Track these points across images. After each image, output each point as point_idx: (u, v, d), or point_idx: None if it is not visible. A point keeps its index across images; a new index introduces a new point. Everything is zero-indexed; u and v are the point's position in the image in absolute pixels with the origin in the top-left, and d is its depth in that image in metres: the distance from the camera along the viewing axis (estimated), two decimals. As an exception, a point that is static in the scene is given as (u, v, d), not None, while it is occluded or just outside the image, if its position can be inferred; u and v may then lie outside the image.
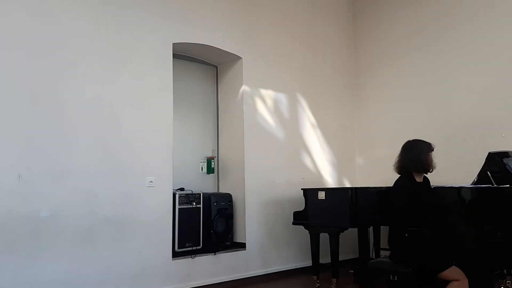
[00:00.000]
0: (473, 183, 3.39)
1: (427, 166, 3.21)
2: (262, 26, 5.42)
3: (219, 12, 5.02)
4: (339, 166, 6.05)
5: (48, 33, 3.80)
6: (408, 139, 3.38)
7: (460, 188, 3.12)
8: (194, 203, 4.63)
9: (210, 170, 5.28)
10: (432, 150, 3.26)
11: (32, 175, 3.60)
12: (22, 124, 3.60)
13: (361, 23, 6.43)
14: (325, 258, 4.67)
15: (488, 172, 3.26)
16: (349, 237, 5.18)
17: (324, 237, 4.46)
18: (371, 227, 5.01)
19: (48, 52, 3.78)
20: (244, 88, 5.18)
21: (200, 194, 4.73)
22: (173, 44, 4.59)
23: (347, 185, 6.08)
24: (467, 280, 2.84)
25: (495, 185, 3.21)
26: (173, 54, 4.60)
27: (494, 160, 3.38)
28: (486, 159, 3.48)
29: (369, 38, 6.30)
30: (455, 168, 4.76)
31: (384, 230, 4.73)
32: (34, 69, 3.70)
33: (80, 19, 3.98)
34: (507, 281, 3.24)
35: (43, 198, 3.63)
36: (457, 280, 2.85)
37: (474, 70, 5.06)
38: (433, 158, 3.22)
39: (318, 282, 4.49)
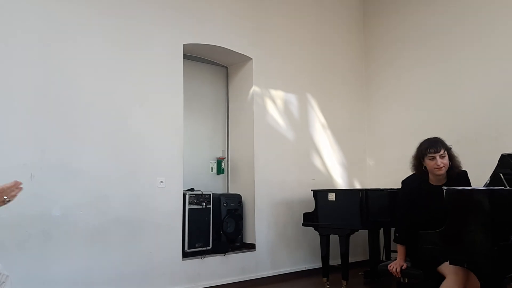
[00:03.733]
0: (485, 185, 3.35)
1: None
2: (273, 27, 5.42)
3: (229, 13, 5.03)
4: (349, 167, 6.03)
5: (59, 34, 3.84)
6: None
7: (472, 190, 3.09)
8: (204, 204, 4.64)
9: (220, 170, 5.30)
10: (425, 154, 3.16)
11: (44, 175, 3.64)
12: (34, 125, 3.65)
13: (371, 22, 6.39)
14: (335, 259, 4.65)
15: (501, 174, 3.21)
16: (360, 238, 5.15)
17: (334, 239, 4.44)
18: (382, 229, 4.98)
19: (59, 53, 3.82)
20: (254, 88, 5.18)
21: (210, 194, 4.74)
22: (184, 45, 4.61)
23: (358, 186, 6.05)
24: (458, 276, 2.80)
25: (507, 187, 3.17)
26: (183, 55, 4.62)
27: (507, 162, 3.33)
28: (499, 160, 3.43)
29: (379, 37, 6.26)
30: (467, 170, 4.70)
31: (395, 232, 4.69)
32: (46, 70, 3.74)
33: (90, 21, 4.01)
34: (520, 285, 3.20)
35: (55, 198, 3.67)
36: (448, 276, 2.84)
37: (487, 70, 4.99)
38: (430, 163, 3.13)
39: (328, 284, 4.47)
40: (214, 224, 4.72)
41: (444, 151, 3.10)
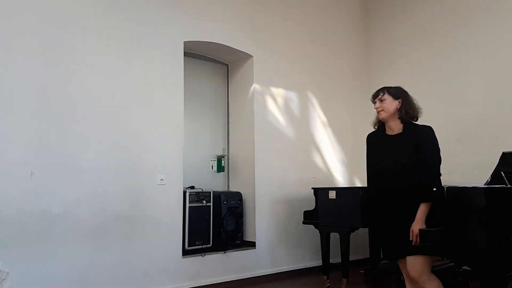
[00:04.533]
0: (486, 184, 3.34)
1: None
2: (274, 24, 5.41)
3: (230, 10, 5.02)
4: (350, 165, 6.02)
5: (59, 32, 3.83)
6: None
7: (473, 188, 3.08)
8: (204, 201, 4.64)
9: (220, 168, 5.29)
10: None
11: (44, 172, 3.63)
12: (35, 122, 3.64)
13: (373, 20, 6.38)
14: (335, 258, 4.65)
15: (502, 172, 3.21)
16: (360, 237, 5.14)
17: (334, 237, 4.44)
18: (382, 227, 4.97)
19: (59, 51, 3.81)
20: (255, 86, 5.17)
21: (210, 192, 4.73)
22: (184, 42, 4.60)
23: (358, 184, 6.04)
24: (407, 278, 2.82)
25: (508, 186, 3.17)
26: (184, 52, 4.61)
27: (508, 160, 3.33)
28: (500, 159, 3.42)
29: (380, 35, 6.25)
30: (468, 168, 4.70)
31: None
32: (46, 68, 3.74)
33: (90, 19, 4.01)
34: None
35: (55, 195, 3.67)
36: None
37: (488, 69, 4.98)
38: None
39: (328, 282, 4.46)
40: (214, 222, 4.72)
41: (383, 95, 2.95)
